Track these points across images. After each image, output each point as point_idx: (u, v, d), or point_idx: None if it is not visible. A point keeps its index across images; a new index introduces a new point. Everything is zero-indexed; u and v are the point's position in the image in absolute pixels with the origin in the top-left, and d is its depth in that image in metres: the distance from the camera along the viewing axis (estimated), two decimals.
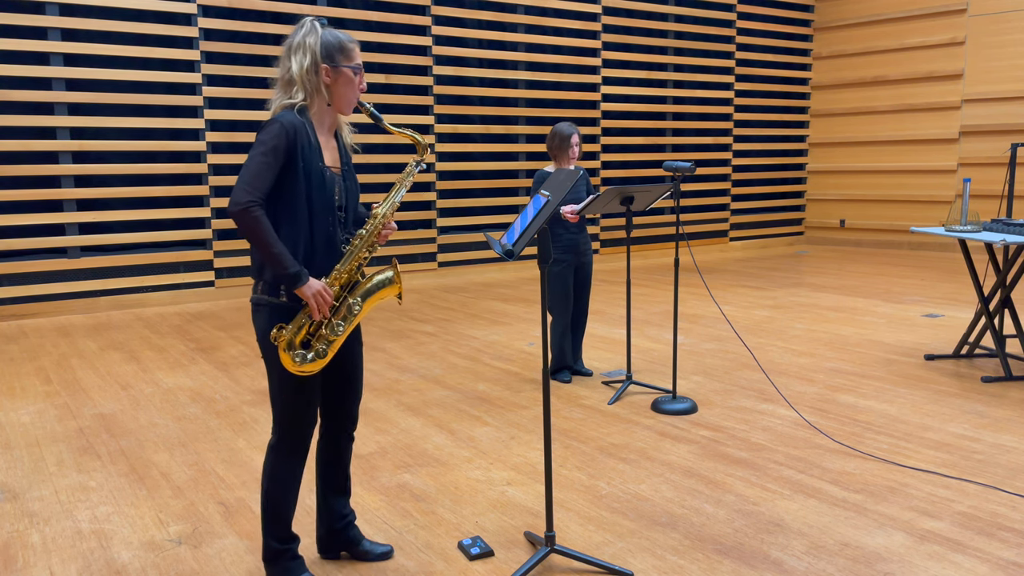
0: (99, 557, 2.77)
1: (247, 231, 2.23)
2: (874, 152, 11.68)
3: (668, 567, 2.65)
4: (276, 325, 2.33)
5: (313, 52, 2.32)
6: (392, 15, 8.66)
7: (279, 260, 2.24)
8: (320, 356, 2.35)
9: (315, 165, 2.32)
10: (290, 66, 2.34)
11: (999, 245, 4.71)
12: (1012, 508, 3.03)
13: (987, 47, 10.42)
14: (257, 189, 2.22)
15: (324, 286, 2.31)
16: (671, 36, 10.87)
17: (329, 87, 2.36)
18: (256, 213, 2.21)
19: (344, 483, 2.69)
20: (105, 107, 7.40)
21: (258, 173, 2.23)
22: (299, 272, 2.26)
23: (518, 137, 9.76)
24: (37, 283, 7.21)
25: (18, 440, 3.96)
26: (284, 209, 2.31)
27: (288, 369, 2.33)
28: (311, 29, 2.34)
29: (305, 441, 2.49)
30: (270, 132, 2.27)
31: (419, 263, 9.19)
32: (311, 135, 2.33)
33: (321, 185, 2.34)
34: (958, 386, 4.63)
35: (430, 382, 4.91)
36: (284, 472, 2.47)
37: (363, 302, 2.41)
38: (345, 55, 2.36)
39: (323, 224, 2.37)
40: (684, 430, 3.96)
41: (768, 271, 9.58)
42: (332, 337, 2.36)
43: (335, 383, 2.56)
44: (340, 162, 2.46)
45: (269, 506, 2.48)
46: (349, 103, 2.40)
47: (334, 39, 2.35)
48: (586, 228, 4.86)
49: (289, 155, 2.28)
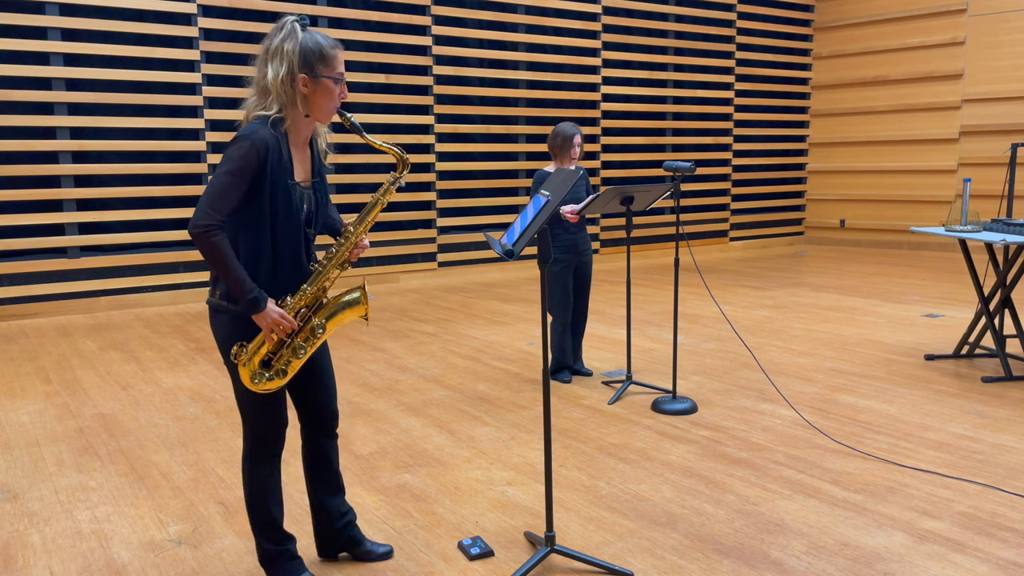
0: (99, 557, 2.77)
1: (206, 254, 2.17)
2: (874, 152, 11.68)
3: (668, 567, 2.65)
4: (236, 343, 2.28)
5: (291, 60, 2.19)
6: (392, 15, 8.66)
7: (237, 284, 2.19)
8: (280, 376, 2.30)
9: (283, 184, 2.24)
10: (266, 72, 2.22)
11: (999, 245, 4.71)
12: (1012, 508, 3.03)
13: (987, 47, 10.42)
14: (218, 211, 2.15)
15: (281, 313, 2.25)
16: (671, 36, 10.88)
17: (307, 97, 2.24)
18: (215, 238, 2.15)
19: (336, 481, 2.66)
20: (105, 107, 7.40)
21: (221, 194, 2.16)
22: (256, 298, 2.20)
23: (518, 137, 9.77)
24: (37, 283, 7.21)
25: (18, 440, 3.96)
26: (248, 226, 2.25)
27: (248, 387, 2.30)
28: (291, 32, 2.21)
29: (276, 445, 2.46)
30: (240, 150, 2.16)
31: (419, 263, 9.19)
32: (284, 150, 2.24)
33: (288, 204, 2.26)
34: (958, 386, 4.63)
35: (430, 382, 4.91)
36: (262, 476, 2.46)
37: (327, 323, 2.35)
38: (325, 63, 2.23)
39: (288, 243, 2.30)
40: (684, 430, 3.96)
41: (768, 271, 9.58)
42: (293, 359, 2.31)
43: (305, 385, 2.53)
44: (311, 174, 2.38)
45: (255, 512, 2.47)
46: (328, 113, 2.29)
47: (314, 45, 2.21)
48: (585, 228, 4.86)
49: (257, 174, 2.19)
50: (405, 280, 9.06)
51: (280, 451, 2.49)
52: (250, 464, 2.46)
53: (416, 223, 9.15)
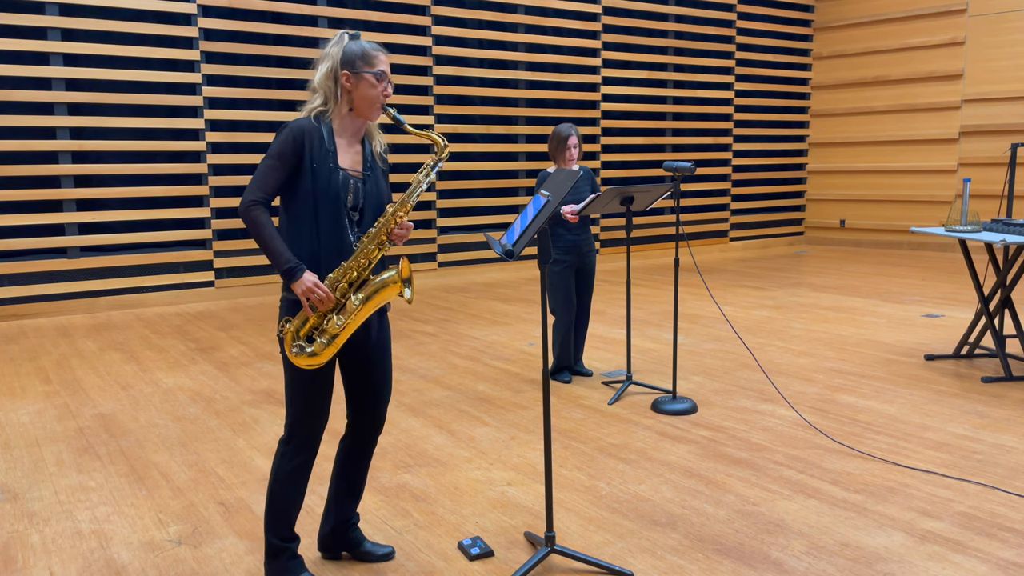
0: (99, 557, 2.77)
1: (249, 228, 2.34)
2: (874, 152, 11.68)
3: (668, 567, 2.65)
4: (284, 318, 2.41)
5: (333, 60, 2.40)
6: (392, 15, 8.66)
7: (274, 256, 2.33)
8: (324, 348, 2.37)
9: (325, 165, 2.37)
10: (316, 74, 2.45)
11: (999, 245, 4.71)
12: (1012, 508, 3.03)
13: (987, 47, 10.42)
14: (260, 190, 2.34)
15: (316, 282, 2.33)
16: (671, 36, 10.87)
17: (350, 93, 2.41)
18: (255, 212, 2.33)
19: (359, 488, 2.70)
20: (105, 107, 7.40)
21: (263, 175, 2.36)
22: (293, 268, 2.32)
23: (518, 137, 9.77)
24: (37, 283, 7.21)
25: (18, 440, 3.96)
26: (293, 207, 2.40)
27: (292, 361, 2.38)
28: (338, 40, 2.44)
29: (314, 439, 2.50)
30: (279, 138, 2.38)
31: (419, 263, 9.19)
32: (325, 137, 2.39)
33: (327, 185, 2.38)
34: (958, 386, 4.63)
35: (430, 382, 4.91)
36: (291, 469, 2.48)
37: (365, 300, 2.40)
38: (366, 62, 2.40)
39: (329, 221, 2.39)
40: (684, 430, 3.96)
41: (768, 271, 9.58)
42: (334, 331, 2.37)
43: (357, 377, 2.57)
44: (362, 166, 2.48)
45: (274, 503, 2.49)
46: (371, 107, 2.43)
47: (357, 47, 2.42)
48: (589, 229, 4.85)
49: (297, 157, 2.36)
50: None
51: (315, 447, 2.52)
52: (282, 453, 2.50)
53: (416, 223, 9.15)
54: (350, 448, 2.66)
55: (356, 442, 2.65)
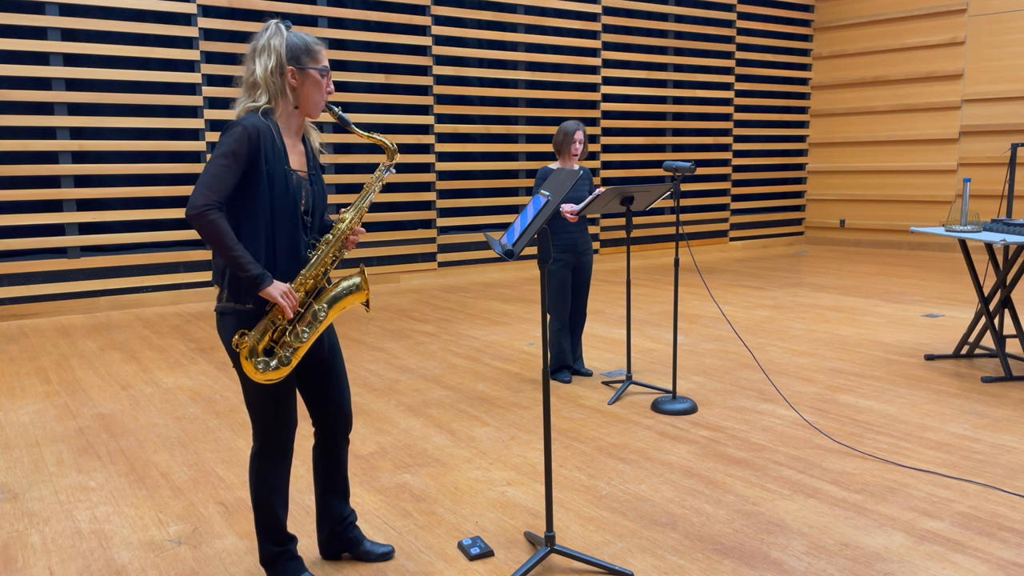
0: (99, 557, 2.77)
1: (205, 234, 2.18)
2: (874, 152, 11.68)
3: (668, 567, 2.65)
4: (238, 331, 2.28)
5: (278, 54, 2.28)
6: (392, 15, 8.66)
7: (239, 263, 2.19)
8: (284, 363, 2.29)
9: (279, 168, 2.27)
10: (254, 68, 2.30)
11: (999, 245, 4.70)
12: (1012, 508, 3.03)
13: (987, 47, 10.42)
14: (215, 192, 2.18)
15: (290, 287, 2.27)
16: (671, 36, 10.87)
17: (295, 90, 2.32)
18: (212, 216, 2.17)
19: (343, 486, 2.68)
20: (105, 107, 7.40)
21: (217, 176, 2.19)
22: (261, 274, 2.21)
23: (518, 137, 9.76)
24: (37, 283, 7.21)
25: (18, 440, 3.96)
26: (246, 213, 2.26)
27: (251, 378, 2.29)
28: (276, 31, 2.30)
29: (286, 445, 2.46)
30: (232, 135, 2.22)
31: (419, 263, 9.19)
32: (276, 138, 2.29)
33: (285, 189, 2.29)
34: (958, 386, 4.63)
35: (430, 382, 4.91)
36: (269, 477, 2.45)
37: (329, 308, 2.36)
38: (311, 57, 2.32)
39: (286, 228, 2.31)
40: (684, 430, 3.96)
41: (768, 271, 9.58)
42: (296, 344, 2.30)
43: (319, 389, 2.53)
44: (307, 166, 2.41)
45: (260, 512, 2.47)
46: (316, 106, 2.36)
47: (300, 41, 2.31)
48: (586, 227, 4.86)
49: (251, 159, 2.23)
50: (405, 280, 9.06)
51: (289, 452, 2.48)
52: (258, 464, 2.45)
53: (416, 223, 9.15)
54: (324, 452, 2.62)
55: (328, 445, 2.61)
